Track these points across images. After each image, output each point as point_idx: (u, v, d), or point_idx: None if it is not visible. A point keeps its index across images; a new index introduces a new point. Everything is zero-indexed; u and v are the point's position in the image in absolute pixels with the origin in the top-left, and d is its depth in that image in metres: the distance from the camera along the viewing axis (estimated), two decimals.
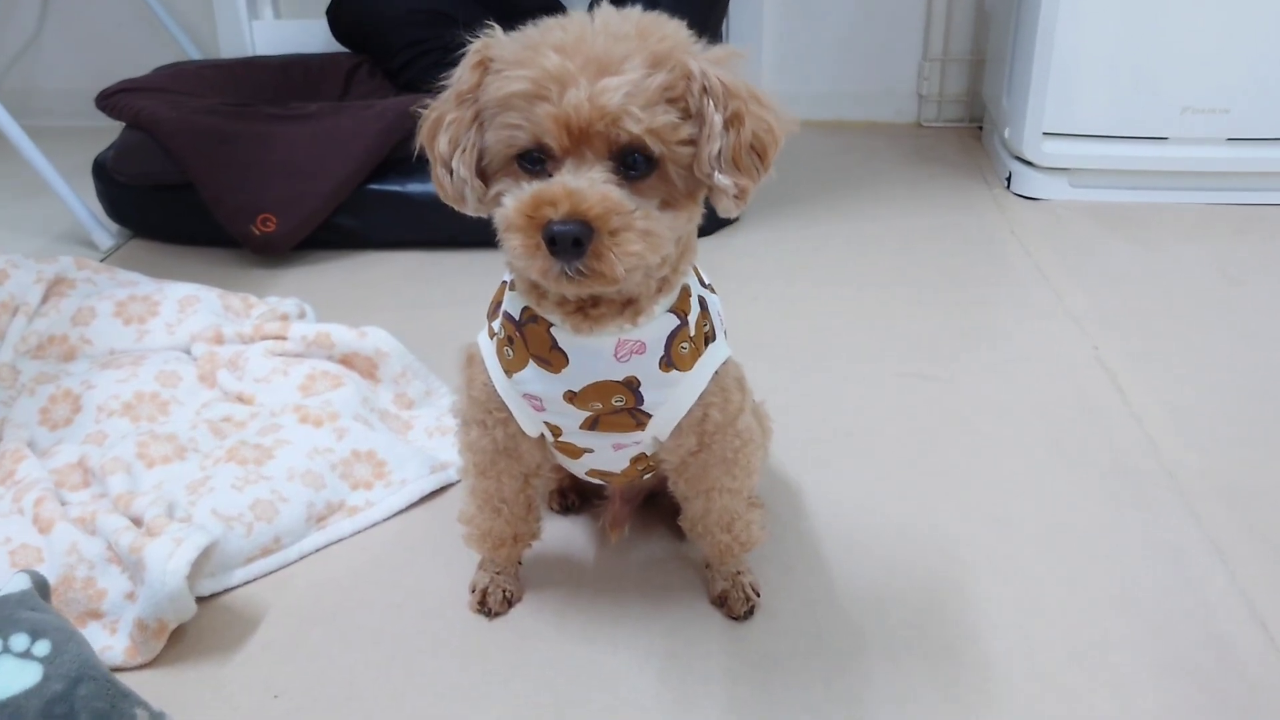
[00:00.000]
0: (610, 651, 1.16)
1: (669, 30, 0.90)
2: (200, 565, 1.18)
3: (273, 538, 1.30)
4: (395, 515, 1.39)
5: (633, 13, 0.90)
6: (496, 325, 1.07)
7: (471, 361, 1.12)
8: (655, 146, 0.87)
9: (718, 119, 0.88)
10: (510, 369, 1.05)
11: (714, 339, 1.08)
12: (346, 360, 1.61)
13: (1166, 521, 1.36)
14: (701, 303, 1.07)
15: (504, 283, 1.08)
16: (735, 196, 0.90)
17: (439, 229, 2.20)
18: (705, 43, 0.92)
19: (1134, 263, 2.17)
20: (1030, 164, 2.52)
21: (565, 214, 0.85)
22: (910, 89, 3.16)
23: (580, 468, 1.17)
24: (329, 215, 2.19)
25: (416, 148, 0.97)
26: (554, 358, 1.01)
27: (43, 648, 0.95)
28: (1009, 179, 2.58)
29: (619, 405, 1.04)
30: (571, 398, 1.03)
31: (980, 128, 3.08)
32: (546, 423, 1.08)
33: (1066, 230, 2.34)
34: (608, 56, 0.85)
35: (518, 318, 1.03)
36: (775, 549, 1.30)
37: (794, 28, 3.08)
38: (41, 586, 1.08)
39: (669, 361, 1.02)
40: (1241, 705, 1.08)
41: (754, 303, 2.01)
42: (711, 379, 1.07)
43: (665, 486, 1.21)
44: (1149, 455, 1.50)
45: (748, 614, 1.20)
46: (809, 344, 1.86)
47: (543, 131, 0.86)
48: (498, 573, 1.23)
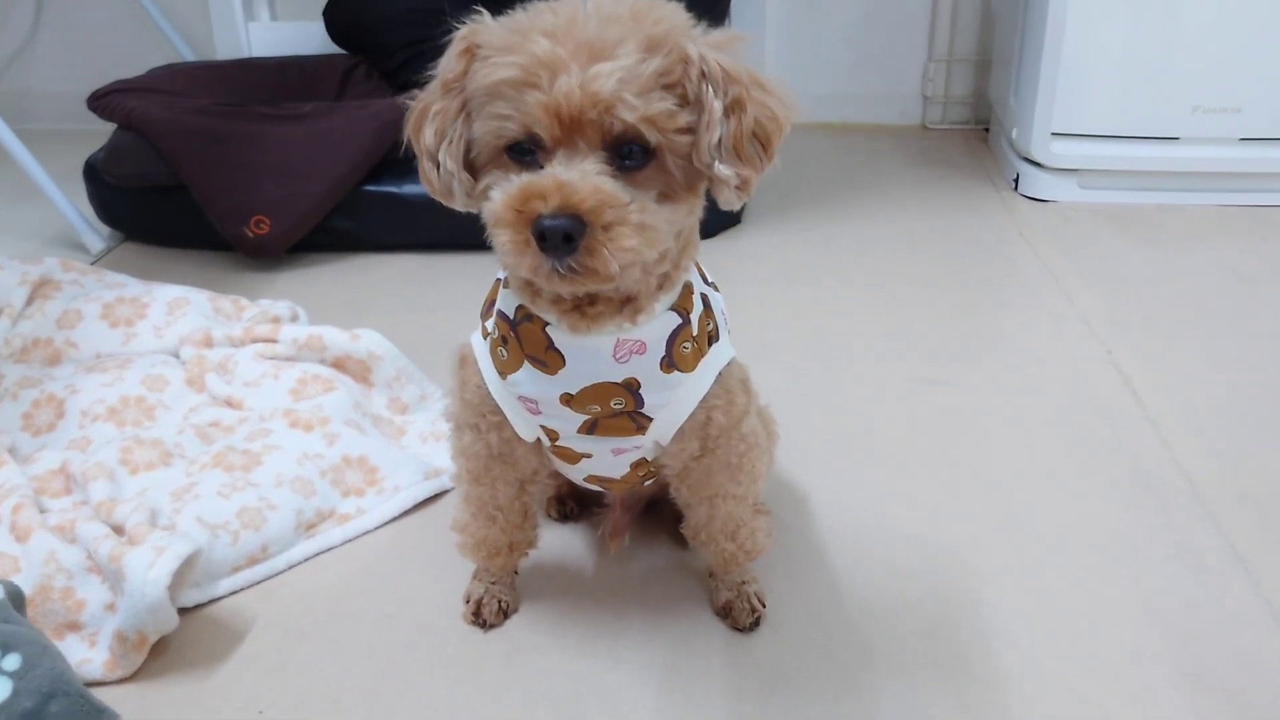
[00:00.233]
0: (610, 665, 1.12)
1: (665, 13, 0.85)
2: (183, 575, 1.13)
3: (260, 546, 1.26)
4: (388, 523, 1.35)
5: None
6: (490, 324, 1.03)
7: (464, 363, 1.07)
8: (651, 135, 0.83)
9: (717, 105, 0.83)
10: (504, 370, 1.01)
11: (717, 339, 1.04)
12: (339, 364, 1.57)
13: (1186, 528, 1.32)
14: (704, 300, 1.02)
15: (498, 280, 1.04)
16: (737, 188, 0.86)
17: (435, 231, 2.16)
18: (705, 27, 0.88)
19: (1146, 265, 2.13)
20: (1038, 165, 2.48)
21: (556, 208, 0.80)
22: (915, 90, 3.11)
23: (578, 473, 1.13)
24: (324, 217, 2.15)
25: (404, 141, 0.92)
26: (550, 358, 0.97)
27: (13, 662, 0.92)
28: (1017, 180, 2.54)
29: (618, 408, 0.99)
30: (568, 400, 0.99)
31: (986, 129, 3.03)
32: (543, 426, 1.04)
33: (1076, 232, 2.30)
34: (600, 41, 0.81)
35: (512, 316, 0.99)
36: (781, 557, 1.26)
37: (797, 28, 3.05)
38: (16, 597, 1.04)
39: (670, 362, 0.98)
40: None
41: (757, 305, 1.97)
42: (715, 380, 1.02)
43: (667, 493, 1.17)
44: (1166, 460, 1.46)
45: (753, 625, 1.16)
46: (814, 347, 1.81)
47: (532, 121, 0.82)
48: (493, 583, 1.18)
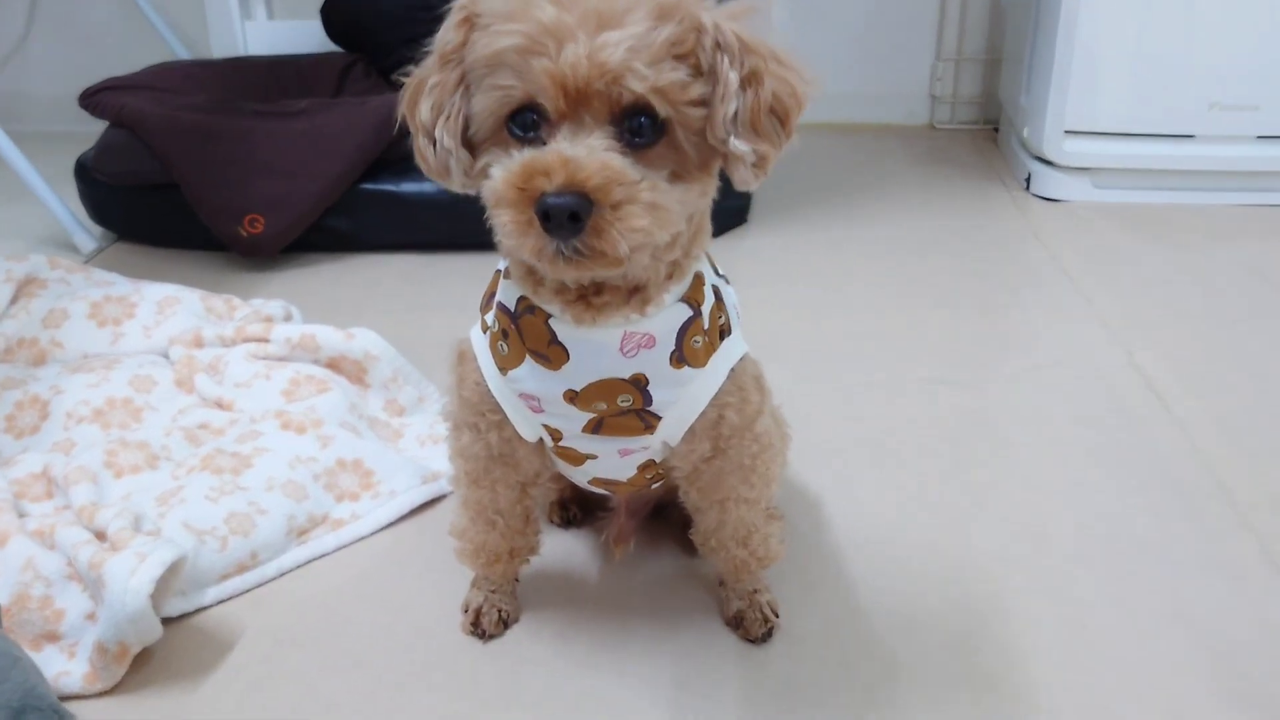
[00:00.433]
0: (615, 678, 1.06)
1: None
2: (167, 583, 1.08)
3: (249, 553, 1.20)
4: (383, 529, 1.29)
5: None
6: (490, 318, 0.97)
7: (463, 359, 1.02)
8: (662, 108, 0.77)
9: (733, 77, 0.78)
10: (505, 366, 0.95)
11: (730, 332, 0.98)
12: (333, 364, 1.51)
13: (1220, 534, 1.26)
14: (716, 292, 0.97)
15: (498, 271, 0.98)
16: (754, 165, 0.80)
17: (434, 230, 2.12)
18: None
19: (1164, 265, 2.07)
20: (1051, 164, 2.42)
21: (561, 185, 0.75)
22: (923, 90, 3.06)
23: (582, 476, 1.07)
24: (319, 216, 2.10)
25: (398, 119, 0.87)
26: (553, 353, 0.91)
27: None
28: (1028, 180, 2.49)
29: (625, 406, 0.94)
30: (572, 398, 0.93)
31: (996, 129, 2.98)
32: (545, 426, 0.98)
33: (1091, 232, 2.25)
34: (609, 8, 0.76)
35: (513, 309, 0.93)
36: (795, 565, 1.21)
37: (804, 27, 2.99)
38: None
39: (681, 357, 0.92)
40: None
41: (765, 305, 1.91)
42: (728, 377, 0.97)
43: (675, 497, 1.11)
44: (1195, 464, 1.40)
45: (766, 636, 1.11)
46: (824, 348, 1.76)
47: (537, 91, 0.77)
48: (493, 591, 1.13)
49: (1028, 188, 2.49)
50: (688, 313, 0.92)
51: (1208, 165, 2.35)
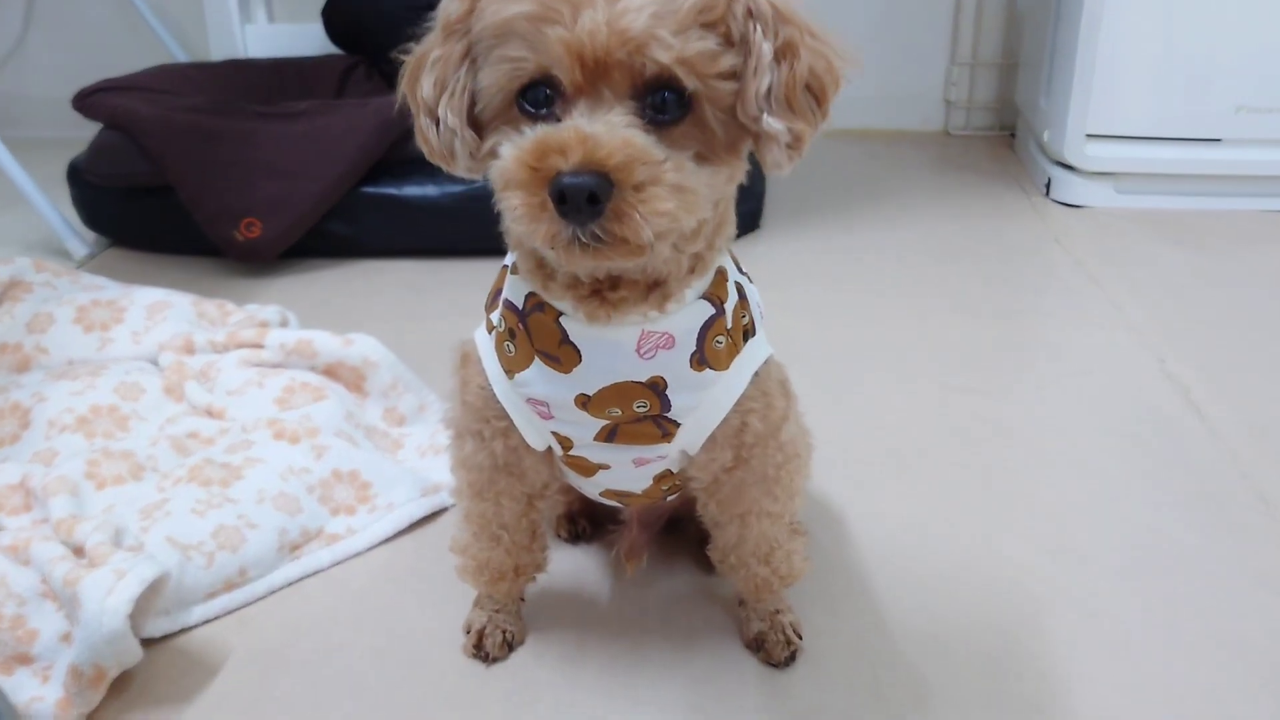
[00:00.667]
0: (628, 705, 0.99)
1: None
2: (148, 601, 1.01)
3: (238, 570, 1.13)
4: (381, 544, 1.23)
5: None
6: (496, 317, 0.90)
7: (466, 361, 0.95)
8: (689, 81, 0.70)
9: (767, 48, 0.71)
10: (511, 368, 0.88)
11: (754, 333, 0.91)
12: (330, 371, 1.44)
13: (1266, 550, 1.19)
14: (739, 290, 0.90)
15: (505, 267, 0.91)
16: (788, 145, 0.73)
17: (438, 236, 2.05)
18: None
19: (1194, 272, 2.00)
20: (1072, 169, 2.35)
21: (578, 164, 0.68)
22: (937, 95, 3.00)
23: (594, 488, 1.00)
24: (318, 220, 2.03)
25: (399, 99, 0.80)
26: (564, 354, 0.84)
27: None
28: (1048, 185, 2.41)
29: (641, 412, 0.87)
30: (585, 402, 0.86)
31: (1012, 135, 2.91)
32: (554, 433, 0.91)
33: (1115, 238, 2.17)
34: None
35: (521, 306, 0.86)
36: (818, 584, 1.14)
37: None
38: None
39: (702, 359, 0.85)
40: None
41: (778, 310, 1.82)
42: (751, 381, 0.90)
43: (691, 510, 1.04)
44: (1236, 475, 1.33)
45: (789, 660, 1.04)
46: (842, 355, 1.69)
47: (551, 62, 0.70)
48: (496, 611, 1.06)
49: (1048, 193, 2.42)
50: (710, 311, 0.85)
51: (1234, 170, 2.28)
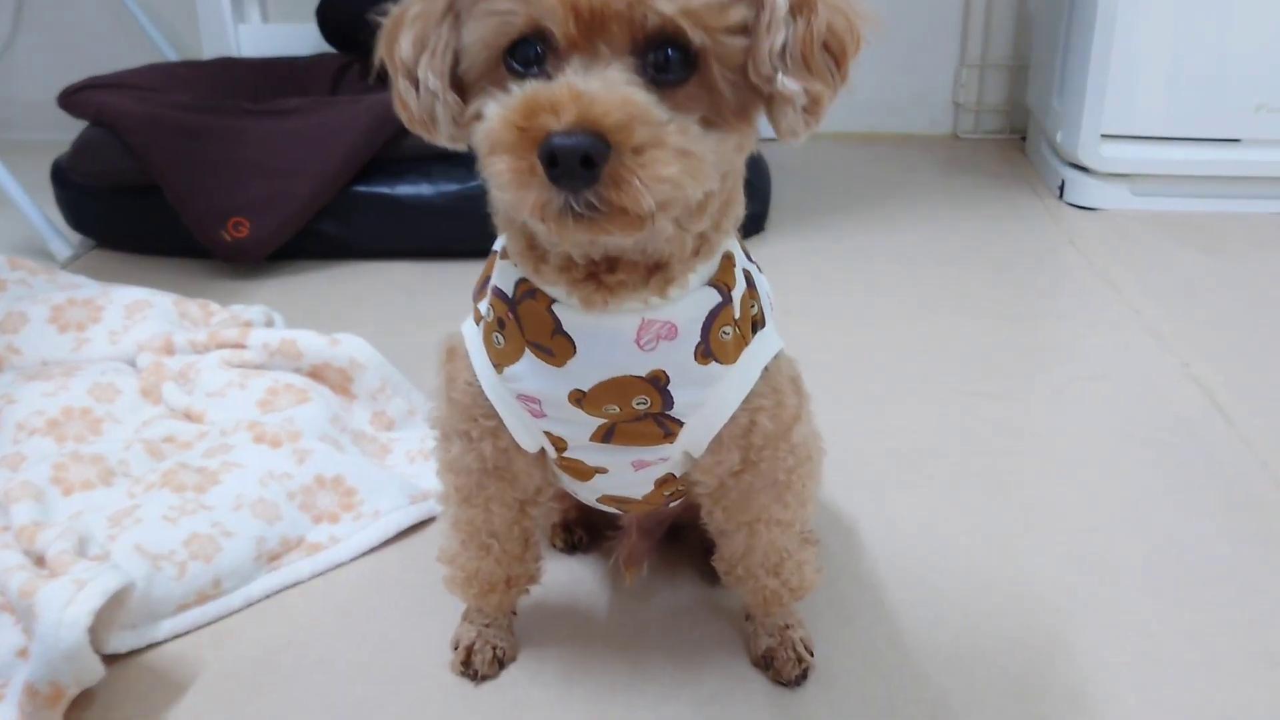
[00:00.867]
0: None
1: None
2: (111, 614, 0.95)
3: (211, 581, 1.06)
4: (365, 554, 1.16)
5: None
6: (484, 306, 0.84)
7: (452, 355, 0.88)
8: (695, 36, 0.63)
9: (781, 1, 0.64)
10: (501, 361, 0.81)
11: (763, 325, 0.85)
12: (316, 373, 1.38)
13: None
14: (747, 277, 0.83)
15: (494, 252, 0.84)
16: (805, 109, 0.67)
17: (432, 237, 1.99)
18: None
19: (1213, 275, 1.94)
20: (1086, 170, 2.29)
21: (571, 123, 0.61)
22: (946, 98, 2.94)
23: (590, 493, 0.93)
24: (309, 220, 1.97)
25: (377, 62, 0.74)
26: (557, 345, 0.78)
27: None
28: (1062, 188, 2.35)
29: (641, 409, 0.80)
30: (579, 399, 0.79)
31: (1023, 138, 2.85)
32: (547, 433, 0.84)
33: (1131, 240, 2.11)
34: None
35: (511, 294, 0.79)
36: (830, 596, 1.07)
37: None
38: None
39: (707, 351, 0.79)
40: None
41: (786, 315, 1.77)
42: (760, 376, 0.83)
43: (694, 517, 0.98)
44: (1267, 482, 1.27)
45: (799, 679, 0.97)
46: (849, 358, 1.62)
47: (542, 13, 0.63)
48: (486, 625, 0.99)
49: (1061, 196, 2.35)
50: (716, 298, 0.78)
51: (1254, 171, 2.21)
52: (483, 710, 0.94)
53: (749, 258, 0.87)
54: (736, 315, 0.80)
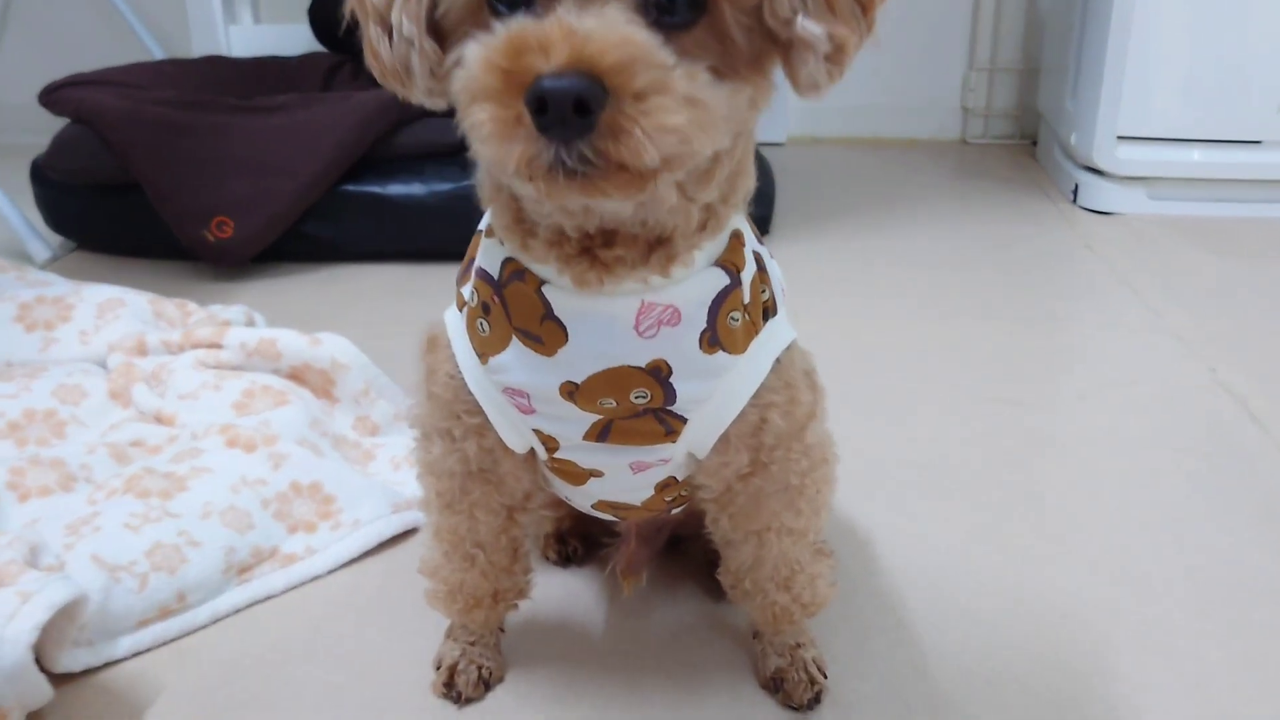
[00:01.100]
0: None
1: None
2: (62, 630, 0.87)
3: (175, 594, 0.99)
4: (344, 566, 1.09)
5: None
6: (468, 290, 0.76)
7: (433, 346, 0.81)
8: None
9: None
10: (486, 351, 0.74)
11: (775, 312, 0.77)
12: (296, 374, 1.31)
13: None
14: (758, 260, 0.76)
15: (479, 232, 0.77)
16: (828, 57, 0.59)
17: (425, 238, 1.93)
18: None
19: (1236, 279, 1.87)
20: (1101, 173, 2.22)
21: (563, 63, 0.53)
22: (954, 103, 2.88)
23: (584, 498, 0.86)
24: (295, 220, 1.91)
25: (347, 14, 0.66)
26: (547, 332, 0.70)
27: None
28: (1075, 191, 2.28)
29: (640, 404, 0.72)
30: (572, 392, 0.72)
31: (1033, 143, 2.79)
32: (537, 431, 0.77)
33: (1149, 245, 2.04)
34: None
35: (497, 276, 0.72)
36: (845, 613, 1.00)
37: None
38: None
39: (714, 339, 0.71)
40: None
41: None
42: (772, 369, 0.76)
43: (698, 526, 0.90)
44: None
45: (812, 702, 0.89)
46: (861, 362, 1.55)
47: None
48: (471, 643, 0.92)
49: (1075, 200, 2.28)
50: (724, 280, 0.71)
51: (1276, 174, 2.16)
52: None
53: (760, 239, 0.80)
54: (746, 300, 0.72)
